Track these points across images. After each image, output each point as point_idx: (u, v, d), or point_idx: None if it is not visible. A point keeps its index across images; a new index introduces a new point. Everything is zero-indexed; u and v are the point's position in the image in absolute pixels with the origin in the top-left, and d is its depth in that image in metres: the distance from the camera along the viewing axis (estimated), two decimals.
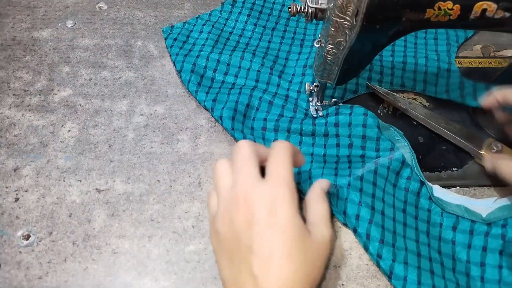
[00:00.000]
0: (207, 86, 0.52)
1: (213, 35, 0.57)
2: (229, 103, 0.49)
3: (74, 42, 0.59)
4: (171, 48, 0.56)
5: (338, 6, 0.36)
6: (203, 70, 0.53)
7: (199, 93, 0.51)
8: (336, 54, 0.41)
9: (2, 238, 0.41)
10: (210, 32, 0.57)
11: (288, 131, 0.47)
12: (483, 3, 0.35)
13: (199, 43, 0.56)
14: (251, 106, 0.50)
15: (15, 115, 0.51)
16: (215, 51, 0.55)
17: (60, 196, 0.44)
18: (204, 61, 0.54)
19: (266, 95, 0.50)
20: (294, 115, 0.49)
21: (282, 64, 0.55)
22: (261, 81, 0.53)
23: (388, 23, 0.37)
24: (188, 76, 0.52)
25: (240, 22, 0.60)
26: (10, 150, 0.48)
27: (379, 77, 0.52)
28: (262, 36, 0.58)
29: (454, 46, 0.55)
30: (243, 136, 0.47)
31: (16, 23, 0.61)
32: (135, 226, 0.42)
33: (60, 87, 0.53)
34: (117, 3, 0.64)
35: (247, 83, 0.53)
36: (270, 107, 0.50)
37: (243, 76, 0.53)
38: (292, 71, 0.54)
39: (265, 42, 0.57)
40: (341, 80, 0.44)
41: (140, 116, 0.51)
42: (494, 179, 0.43)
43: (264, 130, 0.48)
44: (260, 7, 0.61)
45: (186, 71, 0.53)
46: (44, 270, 0.39)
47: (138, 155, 0.47)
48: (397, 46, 0.56)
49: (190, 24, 0.59)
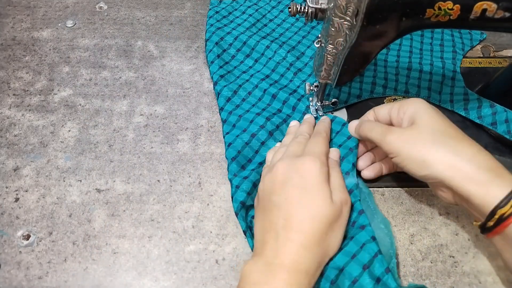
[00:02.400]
0: (224, 61, 0.54)
1: (253, 18, 0.60)
2: (233, 84, 0.51)
3: (74, 42, 0.59)
4: (209, 19, 0.59)
5: (338, 6, 0.36)
6: (227, 46, 0.56)
7: (213, 64, 0.53)
8: (336, 54, 0.41)
9: (2, 238, 0.41)
10: (252, 15, 0.60)
11: (277, 127, 0.48)
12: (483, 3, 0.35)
13: (237, 22, 0.59)
14: (253, 95, 0.51)
15: (15, 115, 0.51)
16: (246, 33, 0.57)
17: (60, 196, 0.44)
18: (232, 39, 0.56)
19: (272, 88, 0.51)
20: (291, 113, 0.49)
21: (304, 62, 0.55)
22: (276, 72, 0.54)
23: (388, 23, 0.37)
24: (211, 46, 0.55)
25: (285, 13, 0.61)
26: (10, 150, 0.48)
27: (383, 83, 0.52)
28: (299, 31, 0.59)
29: (460, 54, 0.55)
30: (227, 118, 0.48)
31: (16, 23, 0.61)
32: (135, 226, 0.42)
33: (60, 87, 0.53)
34: (117, 3, 0.64)
35: (263, 70, 0.54)
36: (272, 101, 0.50)
37: (262, 63, 0.55)
38: (310, 71, 0.54)
39: (298, 37, 0.58)
40: (341, 80, 0.44)
41: (140, 116, 0.51)
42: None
43: (251, 122, 0.48)
44: None
45: (211, 42, 0.56)
46: (44, 270, 0.39)
47: (138, 155, 0.47)
48: (403, 52, 0.56)
49: (238, 3, 0.62)
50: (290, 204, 0.35)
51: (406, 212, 0.43)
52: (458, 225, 0.42)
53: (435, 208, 0.43)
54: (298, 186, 0.36)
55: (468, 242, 0.41)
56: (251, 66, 0.55)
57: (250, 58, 0.55)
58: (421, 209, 0.43)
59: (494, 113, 0.47)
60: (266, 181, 0.38)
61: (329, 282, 0.35)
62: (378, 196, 0.44)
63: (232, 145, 0.45)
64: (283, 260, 0.33)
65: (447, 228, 0.42)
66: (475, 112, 0.48)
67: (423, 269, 0.39)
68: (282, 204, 0.36)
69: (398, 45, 0.57)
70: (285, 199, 0.36)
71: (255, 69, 0.54)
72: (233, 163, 0.44)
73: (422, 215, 0.43)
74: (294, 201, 0.35)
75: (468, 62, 0.56)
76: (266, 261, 0.33)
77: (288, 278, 0.32)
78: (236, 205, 0.40)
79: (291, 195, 0.36)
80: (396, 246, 0.41)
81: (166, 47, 0.58)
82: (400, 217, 0.43)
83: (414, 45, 0.57)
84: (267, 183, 0.38)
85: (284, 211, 0.35)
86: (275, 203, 0.36)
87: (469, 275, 0.39)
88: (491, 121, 0.47)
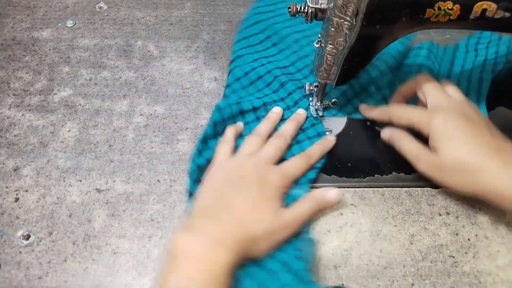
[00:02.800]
0: (249, 44, 0.55)
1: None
2: (247, 65, 0.52)
3: (74, 42, 0.59)
4: (257, 1, 0.60)
5: (338, 6, 0.36)
6: (260, 30, 0.57)
7: (238, 43, 0.55)
8: (336, 54, 0.41)
9: (2, 238, 0.41)
10: None
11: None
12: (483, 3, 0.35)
13: (280, 12, 0.59)
14: (263, 79, 0.52)
15: (15, 115, 0.51)
16: (284, 24, 0.57)
17: (60, 196, 0.44)
18: (267, 25, 0.57)
19: (283, 76, 0.51)
20: (292, 106, 0.50)
21: None
22: (295, 66, 0.54)
23: (388, 23, 0.37)
24: (244, 26, 0.57)
25: None
26: (10, 150, 0.48)
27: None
28: None
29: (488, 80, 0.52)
30: (229, 95, 0.51)
31: (16, 23, 0.61)
32: (135, 226, 0.42)
33: (60, 87, 0.53)
34: (117, 3, 0.64)
35: (283, 61, 0.54)
36: (279, 89, 0.51)
37: (286, 54, 0.55)
38: None
39: None
40: (341, 81, 0.44)
41: (140, 116, 0.51)
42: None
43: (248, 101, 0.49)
44: None
45: (248, 22, 0.58)
46: (44, 270, 0.39)
47: (138, 155, 0.47)
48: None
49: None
50: (244, 200, 0.38)
51: (406, 212, 0.43)
52: (458, 225, 0.42)
53: (435, 208, 0.43)
54: (257, 191, 0.39)
55: (468, 242, 0.41)
56: (274, 54, 0.55)
57: (276, 48, 0.56)
58: (421, 209, 0.43)
59: None
60: (231, 165, 0.41)
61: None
62: (378, 196, 0.44)
63: (220, 110, 0.47)
64: (215, 235, 0.35)
65: (447, 228, 0.42)
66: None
67: (423, 269, 0.39)
68: (238, 195, 0.39)
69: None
70: (242, 192, 0.39)
71: (276, 58, 0.55)
72: (210, 127, 0.46)
73: (422, 215, 0.43)
74: (248, 199, 0.38)
75: None
76: (200, 233, 0.36)
77: (214, 249, 0.34)
78: (193, 167, 0.43)
79: (248, 193, 0.39)
80: (396, 246, 0.41)
81: (166, 47, 0.58)
82: (400, 217, 0.43)
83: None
84: (231, 170, 0.41)
85: (236, 201, 0.38)
86: (232, 191, 0.39)
87: (469, 275, 0.39)
88: None
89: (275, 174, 0.41)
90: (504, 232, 0.42)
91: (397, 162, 0.46)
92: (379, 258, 0.40)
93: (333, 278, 0.39)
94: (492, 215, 0.43)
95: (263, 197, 0.39)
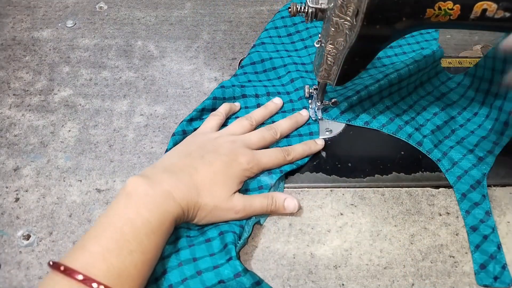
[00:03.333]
0: (277, 34, 0.57)
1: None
2: (265, 53, 0.54)
3: (74, 42, 0.59)
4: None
5: (338, 6, 0.36)
6: (292, 24, 0.58)
7: (267, 31, 0.57)
8: (336, 54, 0.41)
9: (2, 238, 0.41)
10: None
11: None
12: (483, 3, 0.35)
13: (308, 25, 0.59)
14: (276, 71, 0.53)
15: (15, 115, 0.51)
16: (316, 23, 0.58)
17: (60, 196, 0.44)
18: (299, 20, 0.58)
19: (295, 73, 0.52)
20: (295, 101, 0.50)
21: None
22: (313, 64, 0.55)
23: (389, 23, 0.37)
24: (278, 16, 0.59)
25: None
26: (10, 150, 0.48)
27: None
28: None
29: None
30: (239, 75, 0.52)
31: (16, 23, 0.61)
32: None
33: (60, 87, 0.54)
34: (117, 3, 0.64)
35: (304, 58, 0.55)
36: (288, 83, 0.52)
37: (310, 52, 0.55)
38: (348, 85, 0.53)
39: None
40: (341, 80, 0.44)
41: (140, 116, 0.51)
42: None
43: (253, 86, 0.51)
44: None
45: (282, 14, 0.59)
46: (44, 270, 0.39)
47: (138, 155, 0.47)
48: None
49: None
50: (208, 169, 0.40)
51: (406, 212, 0.43)
52: (458, 225, 0.42)
53: (435, 208, 0.43)
54: (223, 165, 0.40)
55: (468, 242, 0.41)
56: (297, 49, 0.56)
57: (302, 42, 0.57)
58: (421, 209, 0.43)
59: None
60: (209, 136, 0.43)
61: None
62: (378, 196, 0.44)
63: (223, 88, 0.49)
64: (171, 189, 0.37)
65: (447, 228, 0.42)
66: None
67: (423, 269, 0.39)
68: (203, 163, 0.40)
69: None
70: (209, 162, 0.40)
71: (298, 54, 0.55)
72: (210, 99, 0.48)
73: (422, 215, 0.43)
74: (211, 170, 0.40)
75: (469, 62, 0.56)
76: (158, 182, 0.37)
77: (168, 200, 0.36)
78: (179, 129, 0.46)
79: (214, 165, 0.40)
80: (396, 246, 0.41)
81: (166, 47, 0.58)
82: (400, 217, 0.43)
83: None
84: (208, 140, 0.43)
85: (200, 168, 0.40)
86: (200, 157, 0.40)
87: (469, 275, 0.39)
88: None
89: (245, 156, 0.42)
90: (504, 232, 0.42)
91: (397, 162, 0.46)
92: (379, 258, 0.40)
93: (333, 278, 0.39)
94: (492, 215, 0.43)
95: (226, 174, 0.40)
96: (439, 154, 0.46)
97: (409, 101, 0.51)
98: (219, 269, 0.36)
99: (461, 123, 0.49)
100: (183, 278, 0.36)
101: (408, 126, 0.48)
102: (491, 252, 0.40)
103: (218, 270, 0.36)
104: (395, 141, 0.48)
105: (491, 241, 0.40)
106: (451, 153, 0.46)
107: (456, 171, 0.45)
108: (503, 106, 0.47)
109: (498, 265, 0.39)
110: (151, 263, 0.34)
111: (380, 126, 0.48)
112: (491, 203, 0.43)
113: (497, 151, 0.46)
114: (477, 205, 0.42)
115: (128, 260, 0.32)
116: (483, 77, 0.50)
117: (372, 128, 0.49)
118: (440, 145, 0.47)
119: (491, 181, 0.45)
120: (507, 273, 0.38)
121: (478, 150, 0.46)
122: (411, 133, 0.48)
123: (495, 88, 0.49)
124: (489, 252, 0.39)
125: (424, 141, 0.47)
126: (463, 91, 0.52)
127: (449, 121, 0.49)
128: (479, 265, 0.39)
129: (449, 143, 0.47)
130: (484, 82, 0.50)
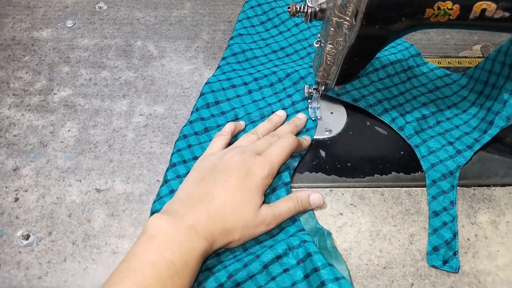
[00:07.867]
0: (251, 24, 0.58)
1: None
2: (245, 45, 0.55)
3: (74, 42, 0.59)
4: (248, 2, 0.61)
5: (337, 6, 0.36)
6: (263, 13, 0.59)
7: (240, 23, 0.58)
8: (335, 54, 0.41)
9: (2, 238, 0.41)
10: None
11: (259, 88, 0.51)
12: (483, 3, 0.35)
13: (278, 11, 0.60)
14: (259, 59, 0.54)
15: (15, 115, 0.51)
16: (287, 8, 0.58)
17: (60, 196, 0.44)
18: (269, 8, 0.59)
19: (271, 55, 0.55)
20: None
21: None
22: (293, 47, 0.56)
23: (388, 23, 0.37)
24: (248, 6, 0.60)
25: None
26: (10, 150, 0.48)
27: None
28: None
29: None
30: (223, 66, 0.54)
31: (16, 23, 0.61)
32: (135, 226, 0.42)
33: (60, 87, 0.53)
34: (117, 3, 0.64)
35: (282, 42, 0.56)
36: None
37: (286, 36, 0.57)
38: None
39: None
40: (340, 80, 0.44)
41: (140, 116, 0.51)
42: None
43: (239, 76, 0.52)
44: None
45: (251, 3, 0.60)
46: (44, 270, 0.39)
47: (138, 155, 0.47)
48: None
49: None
50: (225, 191, 0.38)
51: (406, 212, 0.43)
52: (457, 225, 0.42)
53: None
54: (238, 181, 0.39)
55: (467, 242, 0.41)
56: (273, 35, 0.57)
57: (276, 29, 0.58)
58: (421, 209, 0.43)
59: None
60: (219, 155, 0.42)
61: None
62: (377, 196, 0.44)
63: (209, 84, 0.50)
64: (193, 223, 0.36)
65: None
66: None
67: (423, 269, 0.39)
68: (219, 185, 0.39)
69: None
70: (224, 182, 0.39)
71: (275, 39, 0.56)
72: (202, 99, 0.49)
73: (422, 215, 0.43)
74: (228, 190, 0.38)
75: (468, 62, 0.56)
76: (179, 218, 0.36)
77: (192, 236, 0.35)
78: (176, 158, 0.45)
79: (230, 183, 0.39)
80: (396, 246, 0.41)
81: (166, 47, 0.58)
82: (400, 217, 0.43)
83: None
84: (217, 159, 0.41)
85: (217, 192, 0.38)
86: (214, 180, 0.39)
87: (468, 275, 0.39)
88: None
89: (258, 163, 0.40)
90: (503, 232, 0.42)
91: (397, 162, 0.46)
92: (378, 258, 0.40)
93: None
94: (492, 215, 0.43)
95: (244, 189, 0.39)
96: (419, 140, 0.47)
97: (401, 88, 0.52)
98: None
99: (448, 116, 0.50)
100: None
101: (394, 110, 0.49)
102: (446, 237, 0.40)
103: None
104: (395, 141, 0.48)
105: (449, 228, 0.41)
106: (430, 142, 0.47)
107: (431, 159, 0.45)
108: (492, 107, 0.47)
109: (450, 251, 0.40)
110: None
111: (367, 106, 0.49)
112: (490, 203, 0.43)
113: (476, 147, 0.46)
114: (444, 193, 0.43)
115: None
116: (479, 79, 0.50)
117: (372, 128, 0.49)
118: (421, 133, 0.47)
119: (491, 181, 0.45)
120: (456, 260, 0.39)
121: (458, 144, 0.47)
122: (396, 117, 0.48)
123: (488, 89, 0.49)
124: (445, 238, 0.40)
125: (406, 126, 0.47)
126: (457, 89, 0.52)
127: (437, 113, 0.50)
128: (433, 247, 0.40)
129: (431, 133, 0.48)
130: (479, 84, 0.50)
